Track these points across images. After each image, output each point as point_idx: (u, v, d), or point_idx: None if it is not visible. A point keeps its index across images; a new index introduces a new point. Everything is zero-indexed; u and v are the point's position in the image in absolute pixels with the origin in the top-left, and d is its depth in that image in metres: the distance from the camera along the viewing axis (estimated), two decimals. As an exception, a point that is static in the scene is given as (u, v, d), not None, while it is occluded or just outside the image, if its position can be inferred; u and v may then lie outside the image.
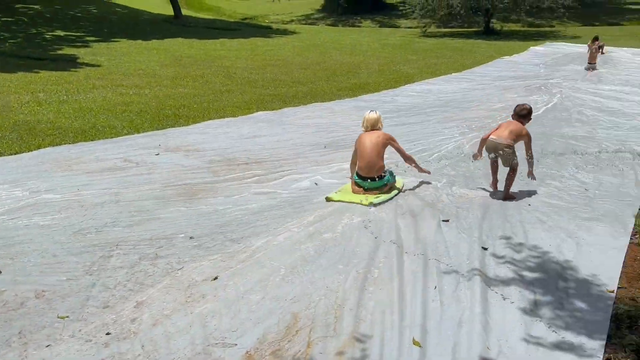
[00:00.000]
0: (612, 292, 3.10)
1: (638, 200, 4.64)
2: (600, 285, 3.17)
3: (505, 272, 3.33)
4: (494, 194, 4.78)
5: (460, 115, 8.39)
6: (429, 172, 5.06)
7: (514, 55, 17.39)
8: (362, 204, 4.41)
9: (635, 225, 4.10)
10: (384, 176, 4.65)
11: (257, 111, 8.58)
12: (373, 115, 4.80)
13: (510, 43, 21.47)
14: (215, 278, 3.19)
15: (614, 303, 2.98)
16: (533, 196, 4.75)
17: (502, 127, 4.68)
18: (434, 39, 23.73)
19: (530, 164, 4.73)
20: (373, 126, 4.77)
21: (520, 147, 4.73)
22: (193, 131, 7.15)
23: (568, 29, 27.54)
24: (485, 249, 3.66)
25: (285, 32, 26.74)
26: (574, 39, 22.53)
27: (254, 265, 3.36)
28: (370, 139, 4.65)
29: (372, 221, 4.12)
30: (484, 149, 4.76)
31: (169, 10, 29.93)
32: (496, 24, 26.57)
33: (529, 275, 3.29)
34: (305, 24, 34.36)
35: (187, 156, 5.90)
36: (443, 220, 4.16)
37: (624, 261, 3.50)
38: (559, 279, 3.23)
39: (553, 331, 2.69)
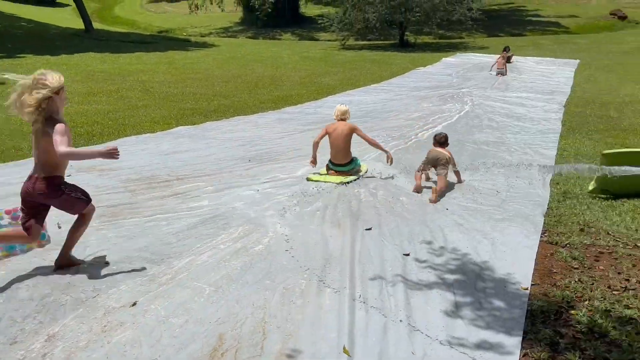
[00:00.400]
0: (526, 289, 3.27)
1: (546, 200, 4.95)
2: (515, 283, 3.34)
3: (427, 276, 3.43)
4: (415, 201, 4.92)
5: (381, 125, 8.61)
6: (388, 153, 5.67)
7: (427, 66, 18.16)
8: (336, 183, 5.32)
9: (544, 224, 4.37)
10: (352, 162, 5.56)
11: (177, 126, 8.35)
12: (343, 107, 5.73)
13: (424, 54, 22.43)
14: (134, 304, 3.03)
15: (529, 299, 3.14)
16: (450, 200, 4.95)
17: (432, 152, 5.37)
18: (353, 52, 24.32)
19: (457, 173, 5.44)
20: (342, 115, 5.66)
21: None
22: (108, 149, 6.82)
23: (476, 40, 29.23)
24: (407, 254, 3.75)
25: (204, 45, 26.34)
26: (482, 49, 23.94)
27: (176, 287, 3.23)
28: (338, 132, 5.50)
29: (295, 235, 4.11)
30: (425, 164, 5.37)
31: (79, 24, 28.58)
32: (410, 37, 27.67)
33: (449, 277, 3.40)
34: (225, 36, 34.03)
35: (102, 176, 5.60)
36: (366, 229, 4.23)
37: (535, 259, 3.71)
38: (477, 280, 3.37)
39: (474, 331, 2.79)
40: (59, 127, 3.07)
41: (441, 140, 5.46)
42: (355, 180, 5.44)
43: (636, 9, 36.21)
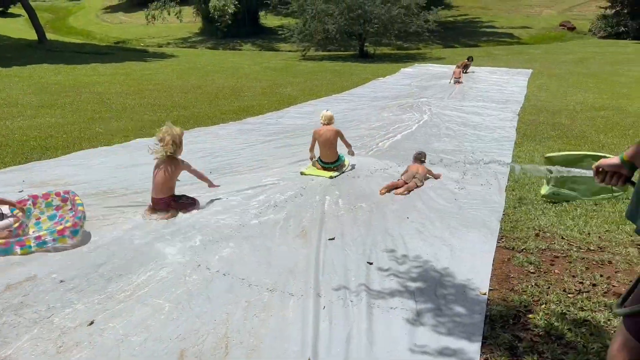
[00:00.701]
0: (485, 294, 3.35)
1: (502, 206, 5.09)
2: (474, 288, 3.41)
3: (390, 284, 3.46)
4: (377, 210, 4.97)
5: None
6: (352, 153, 6.60)
7: (387, 76, 18.44)
8: (325, 177, 6.05)
9: (500, 229, 4.48)
10: (338, 160, 6.31)
11: (135, 138, 8.18)
12: (328, 113, 6.44)
13: (383, 65, 22.78)
14: (91, 323, 2.94)
15: (488, 305, 3.21)
16: (411, 208, 5.02)
17: (412, 168, 5.97)
18: (314, 62, 24.47)
19: (434, 174, 6.10)
20: (329, 121, 6.36)
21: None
22: (62, 163, 6.62)
23: (433, 50, 29.92)
24: (371, 263, 3.78)
25: (162, 56, 25.98)
26: (439, 59, 24.52)
27: (135, 304, 3.15)
28: (326, 135, 6.23)
29: (260, 246, 4.08)
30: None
31: (32, 35, 27.73)
32: (369, 48, 28.07)
33: (411, 285, 3.44)
34: (184, 47, 33.66)
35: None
36: (329, 239, 4.24)
37: (493, 264, 3.80)
38: (438, 287, 3.42)
39: (436, 338, 2.83)
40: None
41: (421, 158, 6.19)
42: (340, 174, 6.24)
43: (584, 21, 37.91)
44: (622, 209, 5.02)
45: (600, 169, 2.01)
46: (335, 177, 6.12)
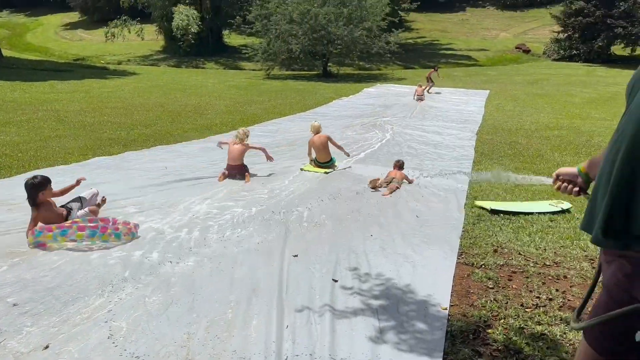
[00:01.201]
0: (446, 309, 3.40)
1: (461, 222, 5.20)
2: (436, 304, 3.46)
3: (353, 302, 3.47)
4: (341, 227, 5.00)
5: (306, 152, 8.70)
6: (348, 154, 8.07)
7: (350, 96, 18.70)
8: (320, 173, 7.31)
9: (460, 246, 4.58)
10: (331, 160, 7.57)
11: (93, 157, 8.00)
12: (316, 124, 7.75)
13: (347, 85, 23.10)
14: (46, 347, 2.83)
15: (448, 320, 3.26)
16: (374, 225, 5.07)
17: (391, 173, 6.73)
18: (278, 81, 24.59)
19: (409, 179, 6.83)
20: (316, 130, 7.64)
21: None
22: (18, 182, 6.38)
23: (395, 71, 30.57)
24: (335, 281, 3.79)
25: (123, 73, 25.62)
26: (400, 80, 25.06)
27: (92, 327, 3.06)
28: (319, 141, 7.49)
29: (222, 263, 4.03)
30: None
31: (-13, 50, 26.91)
32: (333, 68, 28.46)
33: (374, 303, 3.46)
34: (146, 64, 33.26)
35: (11, 210, 5.24)
36: (293, 256, 4.23)
37: (453, 280, 3.87)
38: (400, 304, 3.46)
39: (398, 355, 2.85)
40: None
41: (400, 165, 6.94)
42: (332, 172, 7.43)
43: (538, 44, 39.54)
44: (576, 225, 5.21)
45: (560, 177, 2.08)
46: (329, 172, 7.38)
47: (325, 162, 7.52)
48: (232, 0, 36.52)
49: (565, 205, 5.78)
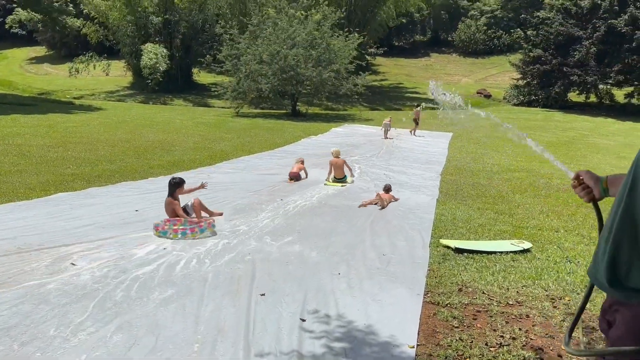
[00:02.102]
0: (413, 347, 3.41)
1: (426, 261, 5.27)
2: (403, 344, 3.47)
3: (321, 343, 3.45)
4: (309, 265, 4.99)
5: (274, 189, 8.73)
6: (353, 176, 10.35)
7: (319, 135, 18.95)
8: (339, 186, 9.46)
9: (426, 285, 4.63)
10: (345, 177, 9.83)
11: (56, 192, 7.81)
12: (337, 149, 10.33)
13: (315, 124, 23.43)
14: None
15: None
16: (342, 264, 5.09)
17: (382, 195, 8.03)
18: (247, 119, 24.74)
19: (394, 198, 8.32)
20: (337, 155, 10.01)
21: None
22: (-27, 218, 6.17)
23: (362, 112, 31.23)
24: (303, 320, 3.76)
25: (89, 108, 25.32)
26: (367, 120, 25.60)
27: (48, 370, 2.93)
28: (338, 164, 9.77)
29: (187, 302, 3.96)
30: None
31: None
32: (302, 107, 28.91)
33: (342, 344, 3.44)
34: (113, 100, 33.01)
35: (-35, 248, 5.04)
36: (260, 295, 4.19)
37: (420, 319, 3.90)
38: (367, 344, 3.45)
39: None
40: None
41: (388, 189, 8.39)
42: (347, 185, 9.62)
43: (498, 89, 41.23)
44: (537, 265, 5.36)
45: (581, 178, 2.06)
46: (344, 185, 9.58)
47: (340, 178, 9.82)
48: (203, 39, 36.98)
49: (526, 245, 5.95)
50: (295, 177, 9.91)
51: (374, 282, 4.61)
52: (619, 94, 35.69)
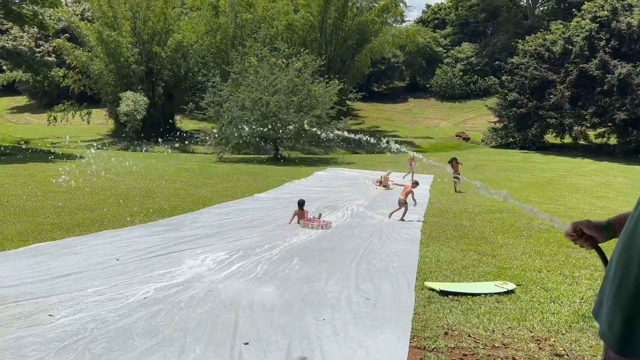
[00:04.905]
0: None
1: (412, 305, 5.24)
2: (390, 390, 3.40)
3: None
4: (294, 312, 4.92)
5: (261, 232, 8.68)
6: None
7: (302, 179, 19.03)
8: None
9: (412, 329, 4.59)
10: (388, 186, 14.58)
11: (34, 242, 7.65)
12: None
13: (298, 168, 23.57)
14: None
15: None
16: (327, 308, 5.02)
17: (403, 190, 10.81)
18: (230, 164, 24.79)
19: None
20: (386, 178, 14.73)
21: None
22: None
23: (344, 156, 31.57)
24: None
25: (69, 157, 25.17)
26: (350, 164, 25.87)
27: None
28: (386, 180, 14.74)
29: (169, 351, 3.85)
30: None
31: None
32: (284, 152, 29.16)
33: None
34: (94, 148, 32.88)
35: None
36: (244, 344, 4.10)
37: (406, 364, 3.85)
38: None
39: None
40: None
41: (414, 185, 11.35)
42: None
43: (476, 132, 42.19)
44: (522, 306, 5.36)
45: (583, 230, 2.02)
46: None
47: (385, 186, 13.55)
48: (186, 87, 37.47)
49: (510, 286, 5.96)
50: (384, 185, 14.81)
51: (359, 328, 4.55)
52: (593, 135, 36.75)
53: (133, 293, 5.37)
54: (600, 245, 2.04)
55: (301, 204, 10.23)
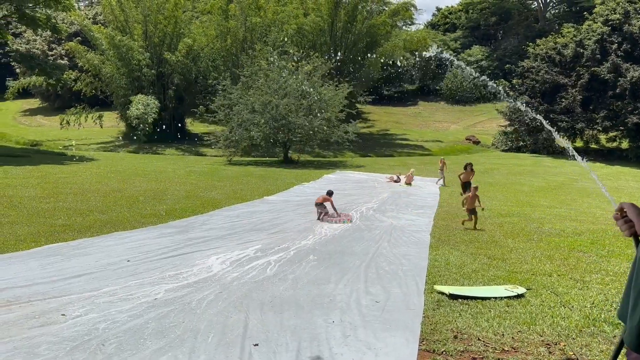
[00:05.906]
0: (409, 398, 3.36)
1: (421, 308, 5.24)
2: (399, 392, 3.41)
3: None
4: (303, 315, 4.94)
5: (268, 233, 8.71)
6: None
7: (311, 182, 19.06)
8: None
9: (421, 332, 4.59)
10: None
11: (46, 244, 7.74)
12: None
13: (307, 171, 23.59)
14: None
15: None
16: (335, 311, 5.04)
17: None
18: (239, 167, 24.88)
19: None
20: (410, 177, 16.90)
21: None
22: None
23: (353, 159, 31.55)
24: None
25: (81, 159, 25.40)
26: (359, 167, 25.85)
27: None
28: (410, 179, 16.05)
29: (180, 354, 3.88)
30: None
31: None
32: (293, 155, 29.22)
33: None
34: (105, 150, 33.18)
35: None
36: (254, 345, 4.12)
37: (416, 367, 3.85)
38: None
39: None
40: None
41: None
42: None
43: (487, 135, 41.95)
44: (532, 310, 5.34)
45: (624, 210, 1.99)
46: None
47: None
48: (196, 90, 37.67)
49: (520, 290, 5.93)
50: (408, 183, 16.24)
51: (368, 330, 4.56)
52: (605, 139, 36.41)
53: (144, 294, 5.42)
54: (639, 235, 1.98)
55: (330, 193, 11.46)
